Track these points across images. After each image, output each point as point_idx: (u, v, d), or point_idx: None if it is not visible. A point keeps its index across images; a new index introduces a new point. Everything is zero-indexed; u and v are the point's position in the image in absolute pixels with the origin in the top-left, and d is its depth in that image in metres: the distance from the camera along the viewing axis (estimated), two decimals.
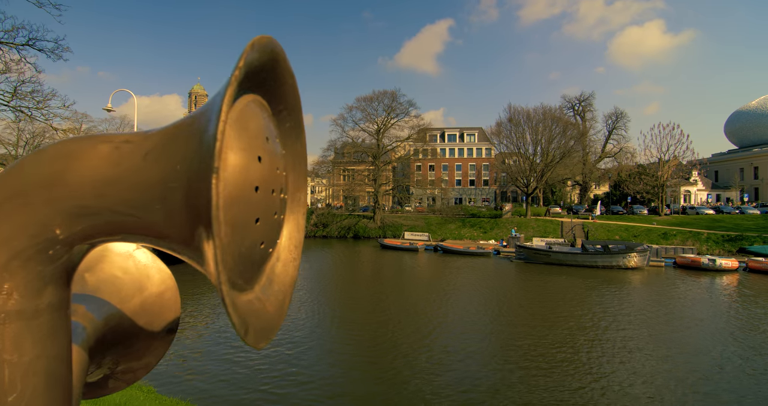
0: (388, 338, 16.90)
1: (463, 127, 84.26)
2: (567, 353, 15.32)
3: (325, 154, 65.01)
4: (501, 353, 15.42)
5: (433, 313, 20.99)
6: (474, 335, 17.29)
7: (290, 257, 0.70)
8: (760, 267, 35.02)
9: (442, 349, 15.58)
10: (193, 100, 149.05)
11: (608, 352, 15.61)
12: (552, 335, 17.28)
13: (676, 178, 62.15)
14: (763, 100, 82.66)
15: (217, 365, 13.82)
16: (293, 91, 0.67)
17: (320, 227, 60.86)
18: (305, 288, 26.65)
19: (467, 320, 19.74)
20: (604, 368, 14.02)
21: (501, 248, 45.94)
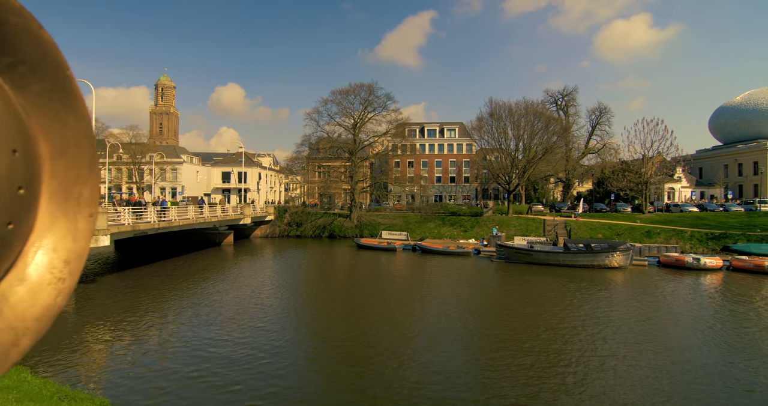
0: (364, 342, 16.24)
1: (444, 122, 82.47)
2: (548, 354, 15.21)
3: (299, 150, 62.54)
4: (480, 355, 15.19)
5: (410, 316, 20.23)
6: (452, 338, 16.87)
7: (51, 277, 0.49)
8: (743, 266, 34.21)
9: (419, 353, 15.20)
10: (160, 92, 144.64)
11: (589, 353, 15.47)
12: (533, 337, 17.07)
13: (660, 175, 61.17)
14: (748, 95, 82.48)
15: (174, 370, 13.31)
16: (29, 37, 0.44)
17: (294, 226, 58.50)
18: (277, 291, 25.27)
19: (445, 323, 18.95)
20: (586, 369, 13.99)
21: (481, 248, 44.30)
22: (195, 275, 29.81)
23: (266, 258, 40.04)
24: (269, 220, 57.96)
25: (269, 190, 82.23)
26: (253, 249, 45.98)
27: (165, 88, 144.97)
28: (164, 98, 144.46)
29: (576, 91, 76.63)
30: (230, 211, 48.40)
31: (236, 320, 18.76)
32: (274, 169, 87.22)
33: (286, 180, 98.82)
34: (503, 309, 21.79)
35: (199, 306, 21.22)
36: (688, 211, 55.41)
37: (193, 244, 46.36)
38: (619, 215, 55.22)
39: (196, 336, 16.54)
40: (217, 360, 14.04)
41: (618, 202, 62.90)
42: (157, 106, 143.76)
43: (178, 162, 77.42)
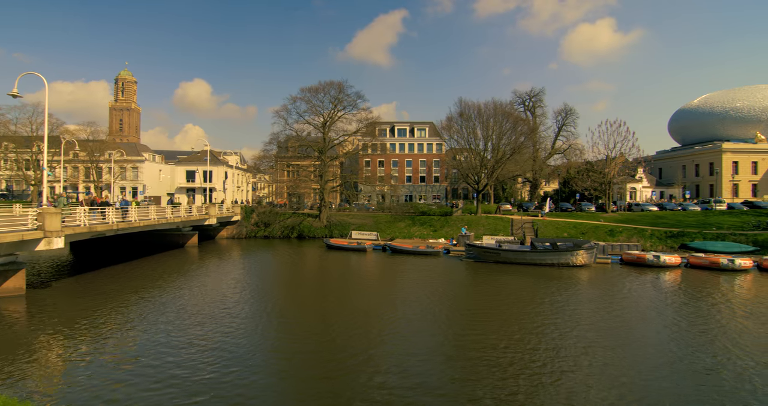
0: (335, 347, 15.87)
1: (414, 121, 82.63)
2: (522, 353, 15.36)
3: (267, 148, 61.15)
4: (454, 356, 15.12)
5: (382, 318, 19.96)
6: (426, 341, 16.72)
7: None
8: (700, 263, 35.70)
9: (392, 357, 14.96)
10: (120, 86, 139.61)
11: (557, 350, 15.68)
12: (505, 337, 17.14)
13: (622, 176, 63.12)
14: (705, 99, 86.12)
15: (133, 382, 12.70)
16: None
17: (262, 227, 57.29)
18: (244, 295, 24.49)
19: (418, 325, 18.91)
20: (553, 367, 14.13)
21: (451, 247, 44.53)
22: (157, 279, 28.67)
23: (233, 260, 38.99)
24: (236, 220, 56.60)
25: (236, 190, 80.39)
26: (218, 251, 44.76)
27: (126, 82, 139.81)
28: (125, 93, 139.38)
29: (543, 92, 78.07)
30: (194, 211, 46.92)
31: (201, 326, 18.06)
32: (241, 168, 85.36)
33: (253, 179, 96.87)
34: (474, 309, 21.81)
35: (161, 312, 20.32)
36: (649, 210, 57.38)
37: (156, 246, 44.75)
38: (583, 214, 56.62)
39: (159, 344, 15.81)
40: (180, 369, 13.43)
41: (583, 201, 64.53)
42: (117, 101, 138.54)
43: (139, 160, 74.75)
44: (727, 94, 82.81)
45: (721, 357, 15.11)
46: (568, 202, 66.89)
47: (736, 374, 13.68)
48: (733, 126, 79.28)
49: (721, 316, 20.94)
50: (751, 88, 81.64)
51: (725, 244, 40.71)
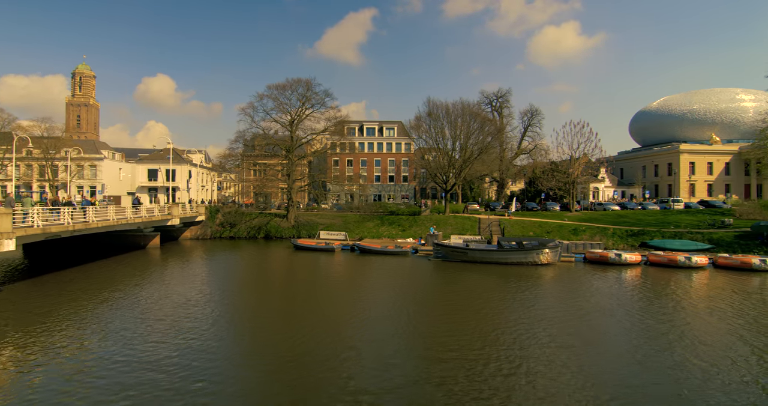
0: (304, 353, 15.41)
1: (383, 120, 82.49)
2: (483, 351, 15.54)
3: (233, 147, 59.65)
4: (427, 359, 15.02)
5: (351, 321, 19.62)
6: (393, 340, 16.75)
7: None
8: (658, 260, 36.79)
9: (360, 357, 14.90)
10: (78, 81, 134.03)
11: (529, 349, 15.81)
12: (472, 335, 17.28)
13: (585, 176, 64.65)
14: (663, 101, 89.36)
15: (86, 395, 12.04)
16: None
17: (227, 227, 55.88)
18: (208, 298, 23.53)
19: (388, 327, 18.67)
20: (528, 366, 14.25)
21: (419, 247, 44.54)
22: (116, 282, 27.44)
23: (196, 262, 37.81)
24: (200, 220, 55.03)
25: (200, 189, 78.25)
26: (181, 252, 43.36)
27: (84, 77, 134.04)
28: (83, 88, 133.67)
29: (510, 93, 79.21)
30: (156, 211, 45.29)
31: (163, 332, 17.26)
32: (206, 167, 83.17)
33: (219, 178, 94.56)
34: (444, 309, 21.75)
35: (119, 318, 19.36)
36: (611, 209, 58.98)
37: (115, 247, 43.03)
38: (548, 213, 57.71)
39: (116, 353, 14.98)
40: (138, 380, 12.76)
41: (548, 201, 65.82)
42: (74, 96, 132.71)
43: (98, 158, 71.79)
44: (684, 97, 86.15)
45: (688, 354, 15.45)
46: (533, 201, 68.07)
47: (702, 369, 14.02)
48: (690, 128, 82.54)
49: (685, 313, 21.47)
50: (706, 92, 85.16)
51: (683, 242, 42.13)
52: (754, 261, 34.20)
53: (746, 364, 14.52)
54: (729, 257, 35.96)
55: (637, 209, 59.04)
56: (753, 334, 17.88)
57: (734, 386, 12.80)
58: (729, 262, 35.45)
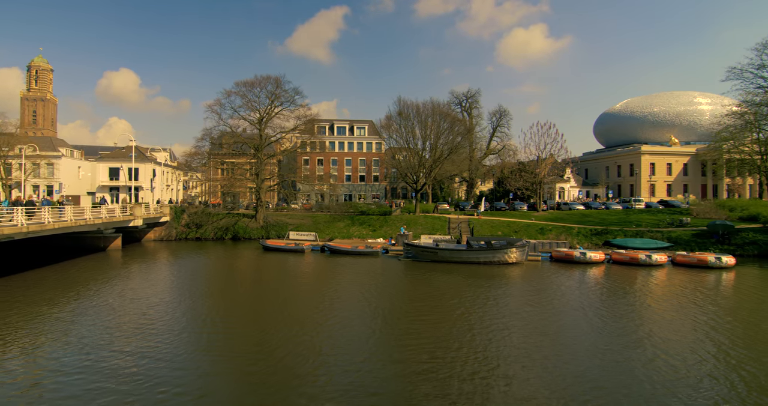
0: (274, 361, 14.96)
1: (354, 119, 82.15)
2: (451, 350, 15.71)
3: (199, 145, 57.90)
4: (390, 357, 15.17)
5: (322, 325, 19.20)
6: (361, 341, 16.72)
7: None
8: (621, 259, 37.93)
9: (332, 362, 14.65)
10: (34, 75, 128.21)
11: (497, 349, 15.95)
12: (440, 336, 17.40)
13: (552, 176, 66.11)
14: (626, 104, 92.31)
15: None
16: None
17: (193, 228, 54.41)
18: (172, 303, 22.64)
19: (357, 328, 18.59)
20: (496, 366, 14.39)
21: (389, 247, 44.54)
22: (73, 287, 26.24)
23: (160, 264, 36.64)
24: (165, 221, 53.40)
25: (165, 189, 75.98)
26: (144, 254, 41.97)
27: (40, 70, 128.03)
28: (39, 82, 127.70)
29: (479, 93, 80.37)
30: (118, 211, 43.67)
31: (124, 341, 16.49)
32: (171, 166, 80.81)
33: (185, 178, 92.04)
34: (415, 311, 21.71)
35: (77, 325, 18.43)
36: (576, 209, 60.49)
37: (73, 250, 41.27)
38: (516, 213, 58.74)
39: (75, 363, 14.19)
40: (99, 391, 12.13)
41: (516, 200, 67.03)
42: (30, 91, 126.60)
43: (55, 156, 68.71)
44: (645, 100, 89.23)
45: (659, 351, 15.82)
46: (502, 201, 69.24)
47: (673, 367, 14.35)
48: (650, 130, 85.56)
49: (649, 311, 22.10)
50: (666, 95, 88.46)
51: (643, 240, 43.56)
52: (709, 259, 35.63)
53: (713, 360, 14.97)
54: (686, 255, 37.38)
55: (600, 208, 60.76)
56: (713, 330, 18.52)
57: (705, 383, 13.18)
58: (686, 260, 36.85)
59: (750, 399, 12.08)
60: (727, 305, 23.61)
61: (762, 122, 50.96)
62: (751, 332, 18.40)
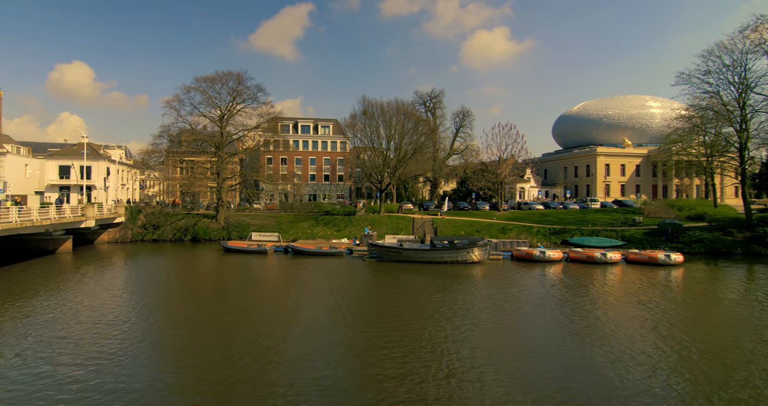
0: (231, 359, 14.96)
1: (318, 118, 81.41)
2: (422, 353, 15.71)
3: (156, 142, 55.86)
4: (356, 360, 15.15)
5: (282, 325, 19.19)
6: (326, 346, 16.50)
7: None
8: (578, 257, 39.28)
9: (293, 364, 14.67)
10: None
11: (462, 350, 16.04)
12: (405, 338, 17.40)
13: (513, 176, 67.68)
14: (583, 106, 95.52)
15: None
16: None
17: (150, 229, 52.54)
18: (127, 310, 21.57)
19: (318, 330, 18.45)
20: (461, 366, 14.56)
21: (354, 247, 44.44)
22: (16, 293, 24.77)
23: (114, 268, 35.15)
24: (119, 222, 51.31)
25: (120, 188, 73.02)
26: (97, 257, 40.19)
27: None
28: None
29: (443, 94, 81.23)
30: (68, 212, 41.59)
31: (73, 353, 15.51)
32: (127, 164, 77.71)
33: (141, 176, 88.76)
34: (380, 311, 21.73)
35: (21, 337, 17.34)
36: (536, 209, 62.17)
37: (18, 253, 39.09)
38: (479, 212, 59.83)
39: (17, 379, 13.27)
40: None
41: (478, 200, 68.22)
42: None
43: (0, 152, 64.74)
44: (601, 103, 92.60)
45: (625, 348, 16.31)
46: (465, 201, 70.31)
47: (638, 363, 14.80)
48: (606, 132, 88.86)
49: (608, 309, 22.89)
50: (620, 98, 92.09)
51: (599, 239, 45.22)
52: (660, 256, 37.39)
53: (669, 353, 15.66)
54: (639, 253, 39.10)
55: (559, 208, 62.68)
56: (665, 324, 19.43)
57: (663, 376, 13.73)
58: (639, 257, 38.54)
59: (710, 391, 12.69)
60: (679, 300, 24.86)
61: (708, 126, 53.77)
62: (703, 328, 19.40)
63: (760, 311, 22.54)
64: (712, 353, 15.87)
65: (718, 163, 57.17)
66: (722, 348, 16.51)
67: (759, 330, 18.94)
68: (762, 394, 12.51)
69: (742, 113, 47.30)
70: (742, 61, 46.04)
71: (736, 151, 50.26)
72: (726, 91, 48.09)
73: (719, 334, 18.47)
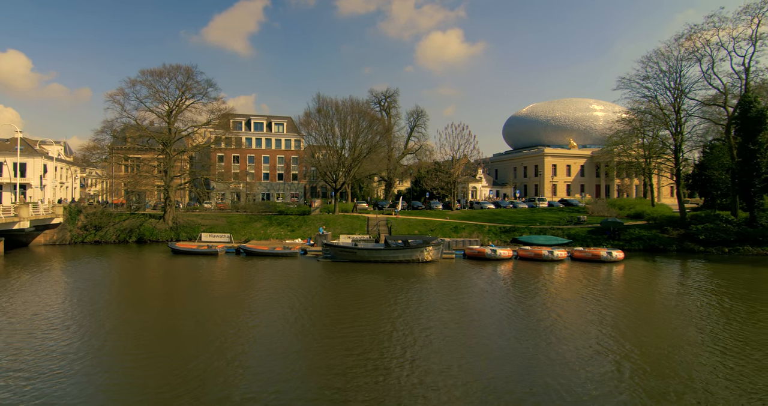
0: (181, 370, 14.23)
1: (272, 115, 79.90)
2: (380, 358, 15.60)
3: (99, 138, 52.81)
4: (303, 366, 14.90)
5: (235, 331, 18.67)
6: (281, 351, 16.18)
7: None
8: (527, 255, 40.78)
9: (246, 373, 14.19)
10: None
11: (420, 354, 16.00)
12: (362, 341, 17.33)
13: (465, 176, 69.22)
14: (531, 108, 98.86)
15: None
16: None
17: (92, 231, 49.81)
18: (63, 320, 20.07)
19: (272, 335, 18.08)
20: (402, 364, 14.78)
21: (308, 247, 44.04)
22: None
23: (51, 273, 33.05)
24: (57, 223, 48.34)
25: (59, 187, 68.79)
26: (32, 261, 37.73)
27: None
28: None
29: (397, 93, 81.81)
30: None
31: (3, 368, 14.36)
32: (66, 161, 73.28)
33: (82, 174, 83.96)
34: (333, 313, 21.64)
35: None
36: (487, 208, 63.89)
37: None
38: (432, 211, 60.81)
39: None
40: None
41: (432, 200, 69.29)
42: None
43: None
44: (549, 105, 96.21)
45: (581, 346, 16.79)
46: (419, 200, 71.21)
47: (596, 361, 15.25)
48: (553, 133, 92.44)
49: (560, 306, 23.68)
50: (566, 101, 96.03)
51: (546, 237, 47.08)
52: (602, 253, 39.43)
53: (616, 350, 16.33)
54: (583, 251, 41.07)
55: (509, 207, 64.71)
56: (610, 319, 20.49)
57: (609, 372, 14.30)
58: (583, 255, 40.47)
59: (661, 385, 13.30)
60: (621, 295, 26.41)
61: (646, 128, 57.17)
62: (644, 320, 20.61)
63: (693, 302, 24.31)
64: (651, 344, 16.89)
65: (655, 164, 60.87)
66: (660, 337, 17.78)
67: (695, 321, 20.45)
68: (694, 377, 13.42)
69: (677, 117, 50.55)
70: (677, 67, 49.24)
71: (671, 152, 53.68)
72: (663, 95, 51.36)
73: (658, 325, 19.74)
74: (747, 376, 13.91)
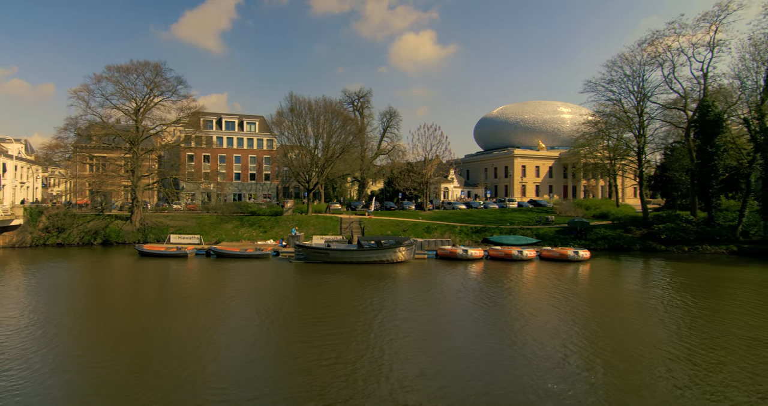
0: (148, 379, 13.80)
1: (244, 114, 78.83)
2: (341, 354, 15.82)
3: (62, 136, 51.00)
4: (277, 371, 14.83)
5: (204, 337, 18.18)
6: (254, 358, 15.95)
7: None
8: (497, 255, 41.61)
9: (220, 380, 13.81)
10: None
11: (383, 348, 16.37)
12: (329, 342, 17.37)
13: (437, 176, 69.99)
14: (502, 110, 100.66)
15: None
16: None
17: (54, 233, 48.11)
18: (22, 329, 19.10)
19: (244, 340, 17.75)
20: (380, 367, 14.83)
21: (280, 249, 43.79)
22: None
23: (9, 277, 31.68)
24: (17, 225, 46.50)
25: (19, 187, 66.13)
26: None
27: None
28: None
29: (371, 93, 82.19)
30: None
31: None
32: (27, 160, 70.50)
33: (44, 174, 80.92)
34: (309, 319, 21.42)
35: None
36: (459, 208, 64.78)
37: None
38: (405, 212, 61.26)
39: None
40: None
41: (405, 200, 69.80)
42: None
43: None
44: (518, 107, 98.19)
45: (558, 347, 17.10)
46: (392, 201, 71.62)
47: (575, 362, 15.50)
48: (522, 135, 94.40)
49: (527, 304, 24.34)
50: (535, 103, 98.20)
51: (516, 237, 48.10)
52: (569, 253, 40.61)
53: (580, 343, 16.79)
54: (551, 250, 42.19)
55: (480, 208, 65.81)
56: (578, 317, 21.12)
57: (580, 371, 14.64)
58: (551, 254, 41.59)
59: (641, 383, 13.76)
60: (587, 293, 27.33)
61: (611, 131, 59.00)
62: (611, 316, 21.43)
63: (659, 300, 25.31)
64: (622, 341, 17.53)
65: (620, 165, 62.99)
66: (630, 334, 18.54)
67: (661, 318, 21.36)
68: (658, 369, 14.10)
69: (640, 120, 52.41)
70: (641, 71, 51.08)
71: (635, 154, 55.61)
72: (627, 99, 53.19)
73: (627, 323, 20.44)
74: (713, 372, 14.52)
